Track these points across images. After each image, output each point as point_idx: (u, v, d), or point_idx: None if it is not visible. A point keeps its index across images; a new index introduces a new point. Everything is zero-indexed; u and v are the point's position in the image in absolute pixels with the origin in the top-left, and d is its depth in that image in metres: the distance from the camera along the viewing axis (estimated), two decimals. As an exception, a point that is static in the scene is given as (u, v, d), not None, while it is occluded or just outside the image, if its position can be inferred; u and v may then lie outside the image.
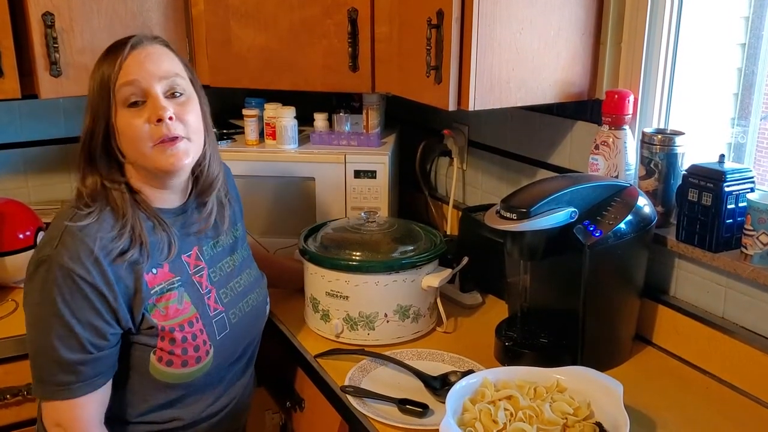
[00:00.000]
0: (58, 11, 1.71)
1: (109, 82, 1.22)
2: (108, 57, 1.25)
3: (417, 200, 2.33)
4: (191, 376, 1.30)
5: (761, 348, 1.36)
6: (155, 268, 1.28)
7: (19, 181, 2.20)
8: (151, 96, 1.23)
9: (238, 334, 1.40)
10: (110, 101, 1.22)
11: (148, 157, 1.24)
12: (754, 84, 1.53)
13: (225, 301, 1.39)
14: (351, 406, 1.35)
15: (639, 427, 1.27)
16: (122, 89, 1.22)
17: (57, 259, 1.18)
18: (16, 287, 1.84)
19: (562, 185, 1.40)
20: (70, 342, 1.19)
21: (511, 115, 1.93)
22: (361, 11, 1.77)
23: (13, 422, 1.68)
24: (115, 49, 1.25)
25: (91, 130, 1.25)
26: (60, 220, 1.23)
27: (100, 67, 1.25)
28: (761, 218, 1.32)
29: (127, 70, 1.23)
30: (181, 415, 1.35)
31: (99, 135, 1.25)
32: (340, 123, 2.08)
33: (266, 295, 1.53)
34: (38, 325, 1.21)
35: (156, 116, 1.22)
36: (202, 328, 1.31)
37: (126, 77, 1.22)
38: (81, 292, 1.18)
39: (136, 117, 1.23)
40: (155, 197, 1.31)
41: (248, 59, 1.87)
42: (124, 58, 1.23)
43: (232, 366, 1.42)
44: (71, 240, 1.19)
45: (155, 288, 1.27)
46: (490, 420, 1.17)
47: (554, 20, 1.55)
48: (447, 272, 1.61)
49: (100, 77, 1.24)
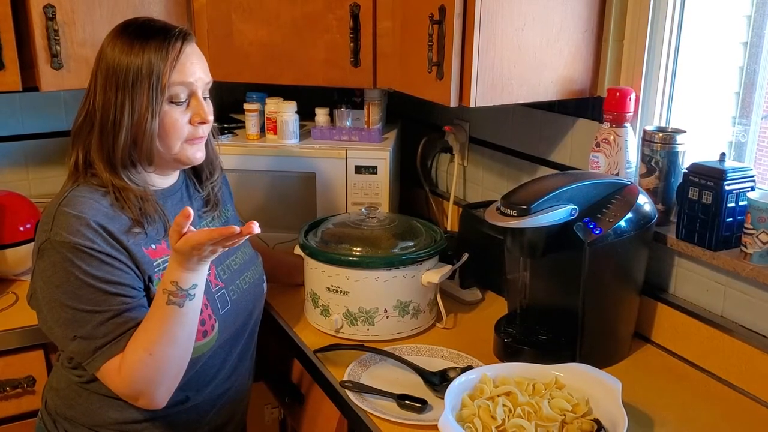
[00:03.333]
0: (59, 4, 1.71)
1: (160, 74, 1.23)
2: (151, 44, 1.23)
3: (418, 196, 2.33)
4: (199, 350, 1.31)
5: (760, 347, 1.36)
6: (153, 243, 1.29)
7: (19, 173, 2.20)
8: (196, 98, 1.29)
9: (238, 310, 1.42)
10: (157, 94, 1.23)
11: (174, 151, 1.29)
12: (755, 83, 1.53)
13: (224, 277, 1.41)
14: (350, 401, 1.35)
15: (637, 424, 1.28)
16: (175, 87, 1.25)
17: (57, 239, 1.18)
18: (17, 279, 1.85)
19: (563, 182, 1.40)
20: (106, 299, 1.19)
21: (512, 112, 1.93)
22: (363, 6, 1.77)
23: (14, 414, 1.68)
24: (162, 38, 1.24)
25: (119, 116, 1.23)
26: (51, 207, 1.24)
27: (142, 51, 1.22)
28: (761, 217, 1.32)
29: (182, 69, 1.25)
30: (186, 397, 1.35)
31: (129, 123, 1.24)
32: (341, 118, 2.08)
33: (262, 274, 1.56)
34: (68, 305, 1.19)
35: (199, 119, 1.30)
36: (206, 303, 1.32)
37: (182, 77, 1.25)
38: (94, 259, 1.19)
39: (178, 113, 1.28)
40: (153, 179, 1.34)
41: (250, 53, 1.87)
42: (178, 55, 1.25)
43: (234, 345, 1.43)
44: (65, 218, 1.20)
45: (158, 261, 1.28)
46: (488, 416, 1.17)
47: (556, 17, 1.55)
48: (447, 268, 1.61)
49: (147, 66, 1.22)
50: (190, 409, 1.37)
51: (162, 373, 1.20)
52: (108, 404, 1.30)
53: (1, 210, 1.80)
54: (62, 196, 1.24)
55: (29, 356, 1.67)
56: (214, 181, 1.47)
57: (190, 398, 1.36)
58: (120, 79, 1.23)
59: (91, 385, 1.30)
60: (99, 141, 1.26)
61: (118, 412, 1.30)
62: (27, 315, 1.62)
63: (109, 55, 1.25)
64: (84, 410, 1.32)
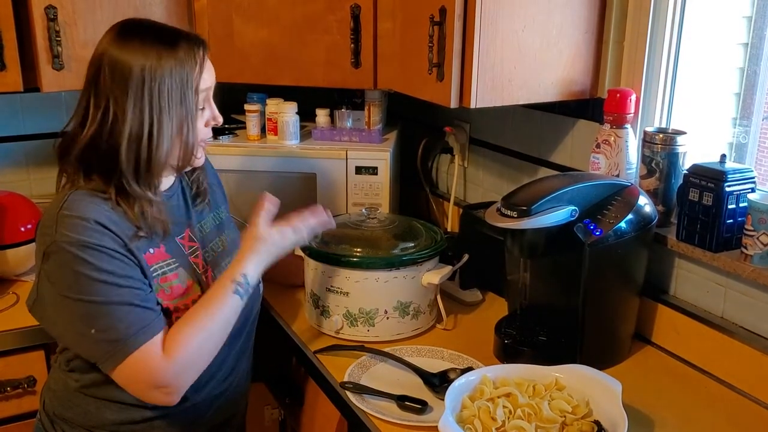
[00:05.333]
0: (60, 5, 1.71)
1: (196, 85, 1.25)
2: (178, 51, 1.22)
3: (418, 197, 2.33)
4: None
5: (760, 348, 1.36)
6: (152, 247, 1.29)
7: (20, 174, 2.20)
8: (210, 102, 1.32)
9: None
10: (195, 104, 1.26)
11: (190, 156, 1.31)
12: (756, 84, 1.53)
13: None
14: (350, 402, 1.35)
15: (637, 425, 1.28)
16: (203, 93, 1.28)
17: (64, 240, 1.18)
18: (18, 280, 1.85)
19: (563, 183, 1.40)
20: (120, 291, 1.18)
21: (512, 113, 1.93)
22: (363, 7, 1.77)
23: (14, 414, 1.68)
24: (187, 46, 1.24)
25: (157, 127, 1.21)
26: (50, 211, 1.23)
27: (171, 59, 1.21)
28: (762, 218, 1.32)
29: (206, 76, 1.28)
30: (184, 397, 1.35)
31: (167, 134, 1.23)
32: (341, 119, 2.08)
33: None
34: (82, 299, 1.18)
35: (215, 121, 1.34)
36: None
37: (206, 84, 1.29)
38: (104, 255, 1.18)
39: (200, 119, 1.30)
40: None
41: (250, 54, 1.87)
42: (204, 61, 1.27)
43: (232, 346, 1.43)
44: (68, 220, 1.19)
45: (155, 266, 1.28)
46: (488, 417, 1.17)
47: (557, 18, 1.55)
48: (447, 269, 1.61)
49: (181, 76, 1.22)
50: (188, 409, 1.37)
51: (204, 359, 1.25)
52: (105, 406, 1.30)
53: (2, 210, 1.80)
54: (61, 201, 1.23)
55: (30, 356, 1.67)
56: (199, 173, 1.47)
57: (188, 398, 1.36)
58: (154, 91, 1.21)
59: (89, 390, 1.30)
60: (126, 156, 1.22)
61: (115, 413, 1.30)
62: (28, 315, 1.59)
63: (130, 63, 1.20)
64: (81, 412, 1.32)
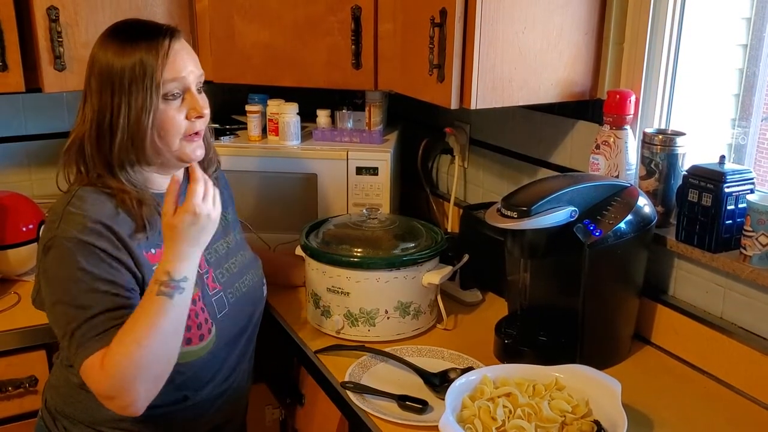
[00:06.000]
0: (62, 5, 1.71)
1: (153, 73, 1.24)
2: (141, 44, 1.25)
3: (418, 197, 2.33)
4: (196, 354, 1.31)
5: (759, 348, 1.37)
6: (153, 248, 1.29)
7: (22, 174, 2.21)
8: (190, 92, 1.30)
9: (237, 313, 1.43)
10: (152, 93, 1.25)
11: (174, 149, 1.30)
12: (755, 85, 1.54)
13: (222, 280, 1.41)
14: (351, 402, 1.36)
15: (637, 425, 1.28)
16: (168, 84, 1.26)
17: (63, 235, 1.20)
18: (19, 280, 1.85)
19: (563, 184, 1.40)
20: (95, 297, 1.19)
21: (512, 114, 1.94)
22: (364, 8, 1.78)
23: (16, 414, 1.69)
24: (150, 37, 1.26)
25: (115, 118, 1.24)
26: (57, 207, 1.25)
27: (133, 53, 1.24)
28: (761, 219, 1.32)
29: (173, 65, 1.26)
30: (184, 396, 1.36)
31: (125, 123, 1.25)
32: (342, 120, 2.09)
33: (262, 277, 1.56)
34: (63, 300, 1.20)
35: (195, 113, 1.30)
36: (203, 307, 1.33)
37: (174, 73, 1.26)
38: (94, 256, 1.20)
39: (174, 110, 1.28)
40: (154, 179, 1.35)
41: (252, 55, 1.88)
42: (167, 51, 1.26)
43: (233, 347, 1.43)
44: (72, 216, 1.22)
45: (155, 266, 1.28)
46: (489, 417, 1.17)
47: (557, 20, 1.55)
48: (448, 269, 1.62)
49: (140, 67, 1.24)
50: (188, 409, 1.37)
51: (145, 370, 1.16)
52: None
53: (4, 210, 1.80)
54: (69, 197, 1.26)
55: (31, 356, 1.67)
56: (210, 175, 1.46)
57: (188, 398, 1.36)
58: (114, 82, 1.24)
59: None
60: (96, 144, 1.27)
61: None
62: (29, 315, 1.62)
63: (101, 59, 1.26)
64: (82, 408, 1.33)
